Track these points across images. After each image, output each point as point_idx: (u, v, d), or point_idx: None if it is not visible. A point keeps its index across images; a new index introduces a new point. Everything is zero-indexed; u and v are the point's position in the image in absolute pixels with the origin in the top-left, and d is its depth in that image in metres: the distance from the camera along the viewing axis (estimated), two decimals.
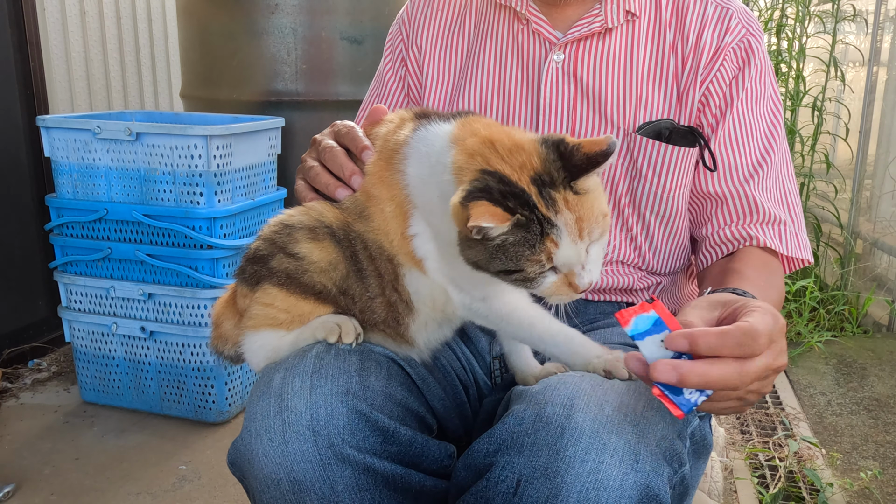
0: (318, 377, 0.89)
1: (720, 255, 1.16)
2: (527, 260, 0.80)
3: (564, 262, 0.81)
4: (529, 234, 0.79)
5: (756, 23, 1.17)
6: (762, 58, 1.16)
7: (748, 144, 1.15)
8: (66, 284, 2.40)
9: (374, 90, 1.35)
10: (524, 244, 0.79)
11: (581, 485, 0.77)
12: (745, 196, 1.14)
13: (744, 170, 1.14)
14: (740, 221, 1.14)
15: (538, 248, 0.80)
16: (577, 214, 0.80)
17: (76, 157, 2.31)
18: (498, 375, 1.18)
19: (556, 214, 0.79)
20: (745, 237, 1.13)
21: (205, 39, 2.77)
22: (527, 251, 0.80)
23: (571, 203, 0.80)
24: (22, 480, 2.07)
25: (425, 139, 0.91)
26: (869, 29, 3.46)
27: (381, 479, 0.88)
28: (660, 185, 1.14)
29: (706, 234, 1.17)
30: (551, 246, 0.80)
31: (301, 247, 0.95)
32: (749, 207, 1.14)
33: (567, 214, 0.80)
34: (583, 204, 0.81)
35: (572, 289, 0.83)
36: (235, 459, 0.92)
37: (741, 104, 1.14)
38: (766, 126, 1.16)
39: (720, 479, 1.96)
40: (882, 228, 3.34)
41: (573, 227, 0.80)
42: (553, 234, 0.79)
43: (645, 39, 1.16)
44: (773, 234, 1.14)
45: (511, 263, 0.81)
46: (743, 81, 1.14)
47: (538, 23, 1.17)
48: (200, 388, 2.35)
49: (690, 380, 0.72)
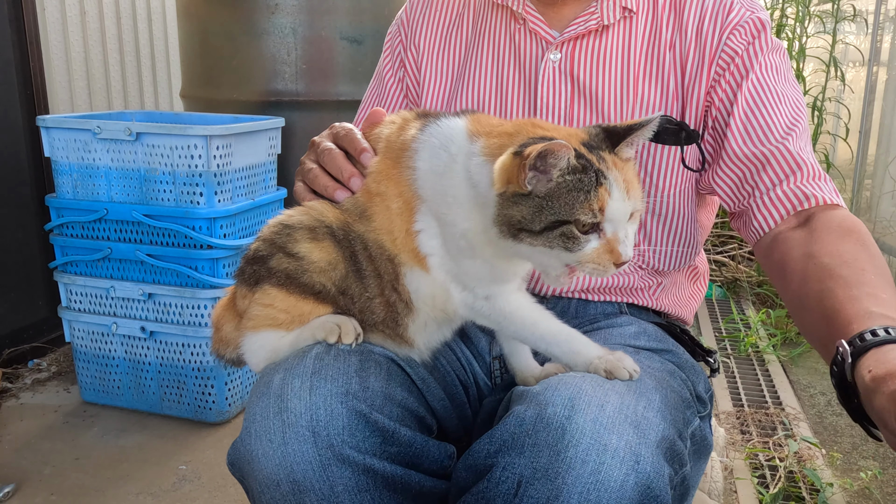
0: (318, 378, 0.89)
1: (781, 216, 1.06)
2: (580, 206, 0.80)
3: (614, 216, 0.82)
4: (586, 178, 0.81)
5: (763, 10, 1.15)
6: (773, 38, 1.13)
7: (779, 106, 1.10)
8: (66, 284, 2.40)
9: (373, 89, 1.36)
10: (579, 189, 0.80)
11: (582, 485, 0.77)
12: (789, 152, 1.07)
13: (780, 129, 1.08)
14: (790, 180, 1.06)
15: (593, 194, 0.81)
16: (625, 176, 0.83)
17: (76, 157, 2.31)
18: (498, 376, 1.18)
19: (609, 170, 0.82)
20: (805, 196, 1.04)
21: (205, 39, 2.77)
22: (581, 196, 0.80)
23: (619, 164, 0.84)
24: (22, 480, 2.07)
25: (439, 133, 0.92)
26: (869, 29, 3.46)
27: (381, 480, 0.88)
28: (653, 185, 1.14)
29: (756, 200, 1.08)
30: (605, 195, 0.81)
31: (301, 246, 0.95)
32: (795, 163, 1.07)
33: (616, 172, 0.83)
34: (628, 168, 0.85)
35: (613, 256, 0.83)
36: (235, 460, 0.92)
37: (761, 69, 1.10)
38: (794, 96, 1.12)
39: (720, 479, 1.96)
40: (882, 228, 3.34)
41: (622, 184, 0.83)
42: (606, 185, 0.81)
43: (642, 36, 1.16)
44: (830, 189, 1.06)
45: (563, 212, 0.81)
46: (757, 52, 1.10)
47: (535, 22, 1.17)
48: (200, 388, 2.35)
49: None
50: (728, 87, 1.12)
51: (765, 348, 3.03)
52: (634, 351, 1.05)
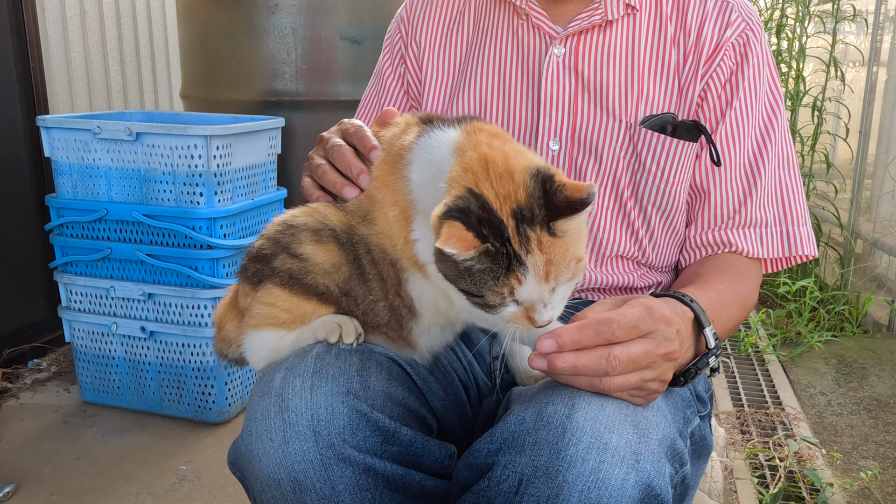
0: (319, 377, 0.89)
1: (698, 259, 1.18)
2: (489, 289, 0.81)
3: (525, 298, 0.81)
4: (496, 265, 0.79)
5: (756, 16, 1.17)
6: (760, 51, 1.15)
7: (742, 143, 1.15)
8: (66, 284, 2.40)
9: (372, 87, 1.35)
10: (489, 274, 0.80)
11: (583, 484, 0.77)
12: (733, 197, 1.15)
13: (735, 170, 1.15)
14: (723, 225, 1.15)
15: (502, 281, 0.80)
16: (548, 257, 0.80)
17: (76, 157, 2.31)
18: (498, 376, 1.18)
19: (527, 254, 0.79)
20: (725, 243, 1.15)
21: (205, 39, 2.77)
22: (490, 281, 0.80)
23: (545, 244, 0.80)
24: (22, 480, 2.07)
25: (429, 146, 0.91)
26: (869, 29, 3.46)
27: (382, 480, 0.88)
28: (663, 178, 1.14)
29: (689, 235, 1.19)
30: (515, 282, 0.80)
31: (305, 248, 0.95)
32: (733, 208, 1.15)
33: (537, 255, 0.79)
34: (556, 247, 0.80)
35: (530, 322, 0.83)
36: (236, 459, 0.92)
37: (738, 103, 1.14)
38: (762, 121, 1.16)
39: (720, 479, 1.96)
40: (882, 228, 3.34)
41: (541, 269, 0.80)
42: (519, 272, 0.79)
43: (645, 32, 1.16)
44: (754, 238, 1.15)
45: (474, 288, 0.81)
46: (740, 81, 1.14)
47: (538, 17, 1.17)
48: (200, 388, 2.35)
49: (558, 366, 0.80)
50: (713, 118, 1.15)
51: (765, 348, 3.03)
52: None
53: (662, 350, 0.83)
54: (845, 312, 3.27)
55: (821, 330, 3.16)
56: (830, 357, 2.99)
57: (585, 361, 0.80)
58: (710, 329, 0.94)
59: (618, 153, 1.14)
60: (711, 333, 0.94)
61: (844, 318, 3.27)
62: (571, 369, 0.81)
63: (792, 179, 1.18)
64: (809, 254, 1.17)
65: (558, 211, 0.80)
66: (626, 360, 0.80)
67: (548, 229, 0.80)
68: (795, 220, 1.17)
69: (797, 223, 1.17)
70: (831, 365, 2.92)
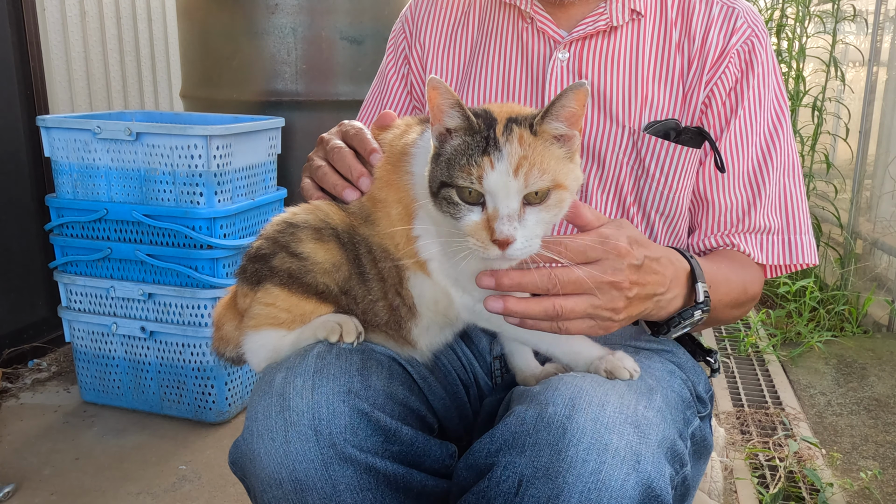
0: (320, 377, 0.89)
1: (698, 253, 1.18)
2: (460, 169, 0.82)
3: (492, 188, 0.81)
4: (474, 141, 0.82)
5: (761, 21, 1.17)
6: (766, 59, 1.15)
7: (747, 151, 1.15)
8: (66, 284, 2.40)
9: (376, 89, 1.35)
10: (465, 151, 0.82)
11: (583, 485, 0.77)
12: (737, 205, 1.15)
13: (739, 178, 1.15)
14: (727, 231, 1.16)
15: (475, 160, 0.81)
16: (525, 153, 0.82)
17: (76, 157, 2.31)
18: (498, 375, 1.18)
19: (506, 142, 0.82)
20: (728, 245, 1.16)
21: (205, 39, 2.77)
22: (463, 159, 0.82)
23: (525, 140, 0.82)
24: (22, 480, 2.07)
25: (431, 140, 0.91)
26: (869, 29, 3.46)
27: (383, 479, 0.88)
28: (666, 184, 1.14)
29: (692, 241, 1.19)
30: (487, 165, 0.81)
31: (305, 247, 0.95)
32: (737, 216, 1.15)
33: (515, 146, 0.82)
34: (535, 147, 0.82)
35: (488, 232, 0.81)
36: (237, 459, 0.92)
37: (744, 112, 1.14)
38: (767, 130, 1.16)
39: (720, 479, 1.96)
40: (882, 228, 3.34)
41: (514, 160, 0.81)
42: (493, 156, 0.81)
43: (650, 38, 1.15)
44: (755, 243, 1.15)
45: (447, 174, 0.83)
46: (745, 89, 1.14)
47: (543, 21, 1.17)
48: (200, 388, 2.35)
49: (504, 282, 0.85)
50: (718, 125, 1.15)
51: (765, 348, 3.03)
52: (634, 351, 1.05)
53: (608, 278, 0.86)
54: (845, 312, 3.27)
55: (821, 330, 3.16)
56: (830, 357, 2.99)
57: (530, 279, 0.84)
58: (702, 285, 0.97)
59: (621, 159, 1.14)
60: (703, 289, 0.97)
61: (844, 318, 3.27)
62: (517, 286, 0.85)
63: (796, 187, 1.18)
64: (810, 262, 1.17)
65: (547, 112, 0.83)
66: (566, 280, 0.84)
67: (530, 128, 0.83)
68: (798, 229, 1.17)
69: (799, 231, 1.17)
70: (831, 365, 2.92)
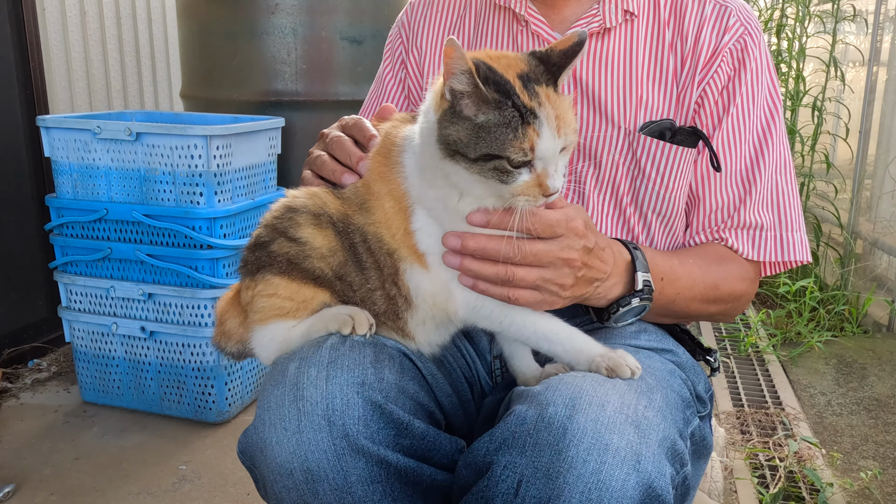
0: (334, 367, 0.89)
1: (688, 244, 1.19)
2: (510, 145, 0.83)
3: (544, 154, 0.84)
4: (511, 118, 0.83)
5: (755, 19, 1.17)
6: (758, 56, 1.15)
7: (739, 148, 1.15)
8: (66, 284, 2.40)
9: (373, 93, 1.36)
10: (507, 127, 0.82)
11: (584, 485, 0.77)
12: (728, 202, 1.15)
13: (732, 175, 1.15)
14: (717, 227, 1.16)
15: (521, 133, 0.82)
16: (557, 112, 0.84)
17: (76, 157, 2.31)
18: (499, 375, 1.18)
19: (539, 107, 0.83)
20: (717, 239, 1.16)
21: (205, 39, 2.77)
22: (510, 135, 0.82)
23: (552, 99, 0.85)
24: (22, 480, 2.07)
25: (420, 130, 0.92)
26: (869, 29, 3.46)
27: (394, 472, 0.88)
28: (663, 184, 1.14)
29: (684, 238, 1.19)
30: (534, 135, 0.83)
31: (303, 231, 0.96)
32: (727, 213, 1.16)
33: (548, 108, 0.84)
34: (562, 103, 0.85)
35: (541, 189, 0.85)
36: (246, 448, 0.92)
37: (736, 110, 1.14)
38: (760, 128, 1.16)
39: (720, 479, 1.96)
40: (882, 228, 3.34)
41: (553, 122, 0.84)
42: (535, 125, 0.83)
43: (644, 39, 1.16)
44: (746, 239, 1.15)
45: (495, 147, 0.83)
46: (737, 87, 1.14)
47: (537, 24, 1.17)
48: (200, 388, 2.35)
49: (470, 245, 0.89)
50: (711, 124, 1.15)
51: (765, 348, 3.03)
52: (635, 350, 1.05)
53: (564, 255, 0.91)
54: (845, 312, 3.27)
55: (821, 330, 3.16)
56: (830, 357, 2.99)
57: (495, 245, 0.89)
58: (642, 274, 1.02)
59: (617, 159, 1.14)
60: (643, 279, 1.02)
61: (844, 318, 3.27)
62: (481, 250, 0.89)
63: (788, 185, 1.18)
64: (802, 259, 1.17)
65: (559, 67, 0.86)
66: (527, 252, 0.90)
67: (554, 86, 0.86)
68: (790, 226, 1.17)
69: (791, 228, 1.17)
70: (831, 365, 2.92)
